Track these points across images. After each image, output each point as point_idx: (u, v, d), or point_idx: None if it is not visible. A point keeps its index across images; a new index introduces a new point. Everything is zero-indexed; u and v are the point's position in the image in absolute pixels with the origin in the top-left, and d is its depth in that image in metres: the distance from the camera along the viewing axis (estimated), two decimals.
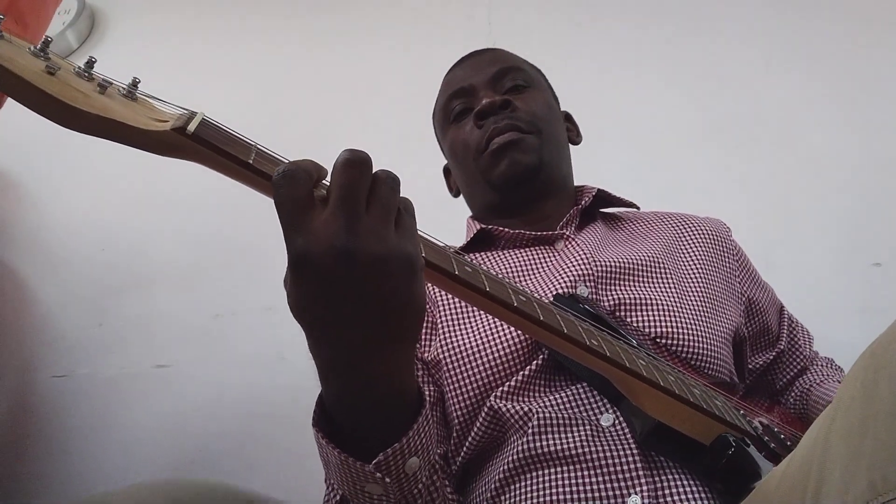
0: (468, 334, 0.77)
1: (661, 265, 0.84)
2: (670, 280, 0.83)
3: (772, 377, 0.97)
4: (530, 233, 0.88)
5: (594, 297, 0.78)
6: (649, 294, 0.79)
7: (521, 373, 0.73)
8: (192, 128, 0.44)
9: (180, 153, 0.46)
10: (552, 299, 0.74)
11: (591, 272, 0.80)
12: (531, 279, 0.83)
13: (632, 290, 0.80)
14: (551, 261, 0.85)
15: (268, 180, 0.45)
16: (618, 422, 0.68)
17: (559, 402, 0.71)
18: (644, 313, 0.77)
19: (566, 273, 0.80)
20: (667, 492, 0.64)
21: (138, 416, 1.30)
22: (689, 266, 0.87)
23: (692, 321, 0.77)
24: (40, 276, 1.44)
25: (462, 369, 0.75)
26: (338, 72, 1.70)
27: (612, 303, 0.78)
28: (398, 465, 0.52)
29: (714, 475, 0.64)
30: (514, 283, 0.60)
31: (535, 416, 0.70)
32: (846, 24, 1.65)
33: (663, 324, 0.76)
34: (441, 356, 0.76)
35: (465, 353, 0.75)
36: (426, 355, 0.79)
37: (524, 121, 0.89)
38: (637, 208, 0.98)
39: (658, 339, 0.75)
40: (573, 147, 1.01)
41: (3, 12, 0.79)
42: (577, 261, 0.81)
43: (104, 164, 1.55)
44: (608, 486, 0.65)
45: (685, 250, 0.89)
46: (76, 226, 1.50)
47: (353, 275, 0.42)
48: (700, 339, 0.76)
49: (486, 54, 1.00)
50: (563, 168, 0.96)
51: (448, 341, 0.77)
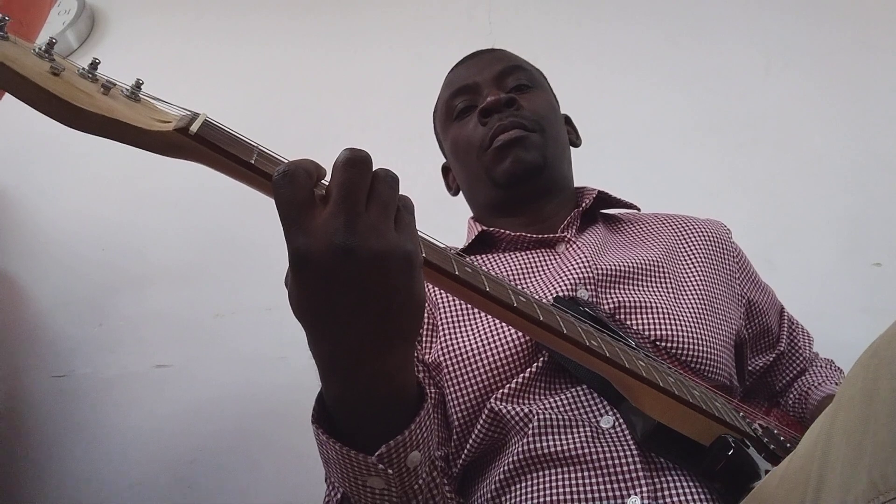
0: (469, 337, 0.77)
1: (662, 268, 0.84)
2: (670, 283, 0.83)
3: (771, 379, 0.97)
4: (531, 235, 0.88)
5: (594, 300, 0.78)
6: (649, 297, 0.79)
7: (521, 375, 0.73)
8: (194, 128, 0.45)
9: (183, 153, 0.46)
10: (552, 302, 0.74)
11: (591, 275, 0.80)
12: (532, 282, 0.83)
13: (632, 294, 0.80)
14: (552, 264, 0.85)
15: (269, 180, 0.45)
16: (617, 423, 0.68)
17: (559, 404, 0.71)
18: (644, 316, 0.77)
19: (567, 276, 0.80)
20: (666, 493, 0.64)
21: (138, 416, 1.30)
22: (689, 269, 0.87)
23: (692, 324, 0.77)
24: (40, 276, 1.44)
25: (462, 372, 0.74)
26: (337, 72, 1.70)
27: (612, 306, 0.78)
28: (400, 458, 0.51)
29: (714, 476, 0.64)
30: (515, 285, 0.60)
31: (536, 417, 0.70)
32: (846, 25, 1.66)
33: (663, 327, 0.76)
34: (442, 358, 0.76)
35: (465, 356, 0.75)
36: (427, 357, 0.79)
37: (528, 119, 0.89)
38: (638, 209, 0.98)
39: (658, 342, 0.75)
40: (573, 149, 1.01)
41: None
42: (577, 264, 0.81)
43: (104, 164, 1.55)
44: (608, 486, 0.65)
45: (686, 253, 0.89)
46: (76, 226, 1.50)
47: (353, 272, 0.43)
48: (700, 342, 0.76)
49: (489, 54, 1.00)
50: (565, 168, 0.96)
51: (449, 344, 0.77)
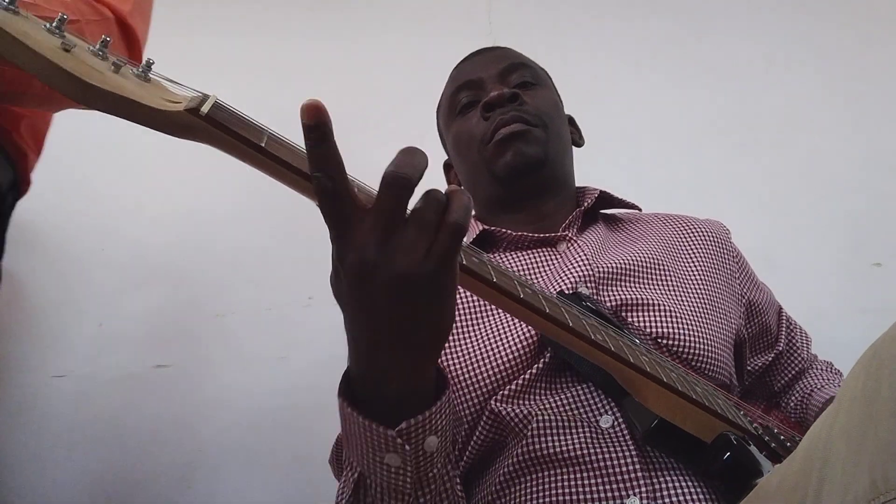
0: (472, 341, 0.77)
1: (663, 267, 0.84)
2: (671, 282, 0.83)
3: (770, 379, 0.97)
4: (533, 235, 0.88)
5: (596, 297, 0.78)
6: (651, 295, 0.79)
7: (522, 376, 0.73)
8: (205, 109, 0.45)
9: (193, 135, 0.46)
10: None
11: (592, 274, 0.80)
12: (533, 281, 0.83)
13: (633, 291, 0.80)
14: (553, 263, 0.85)
15: (279, 164, 0.47)
16: (617, 423, 0.68)
17: (559, 404, 0.71)
18: (645, 314, 0.77)
19: (568, 275, 0.80)
20: (665, 493, 0.64)
21: (138, 416, 1.30)
22: (690, 268, 0.87)
23: (693, 323, 0.78)
24: (40, 276, 1.44)
25: (466, 376, 0.75)
26: (336, 70, 1.69)
27: (613, 303, 0.78)
28: (419, 439, 0.52)
29: (715, 473, 0.64)
30: (521, 277, 0.61)
31: (535, 419, 0.70)
32: (847, 24, 1.66)
33: (664, 325, 0.76)
34: (446, 363, 0.76)
35: (468, 361, 0.75)
36: None
37: (531, 114, 0.89)
38: (639, 209, 0.98)
39: (659, 340, 0.75)
40: (575, 149, 1.01)
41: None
42: (578, 262, 0.81)
43: (104, 163, 1.55)
44: (607, 487, 0.65)
45: (686, 252, 0.89)
46: (76, 225, 1.50)
47: (377, 286, 0.46)
48: (701, 340, 0.76)
49: (495, 51, 1.00)
50: (567, 167, 0.96)
51: (452, 348, 0.77)
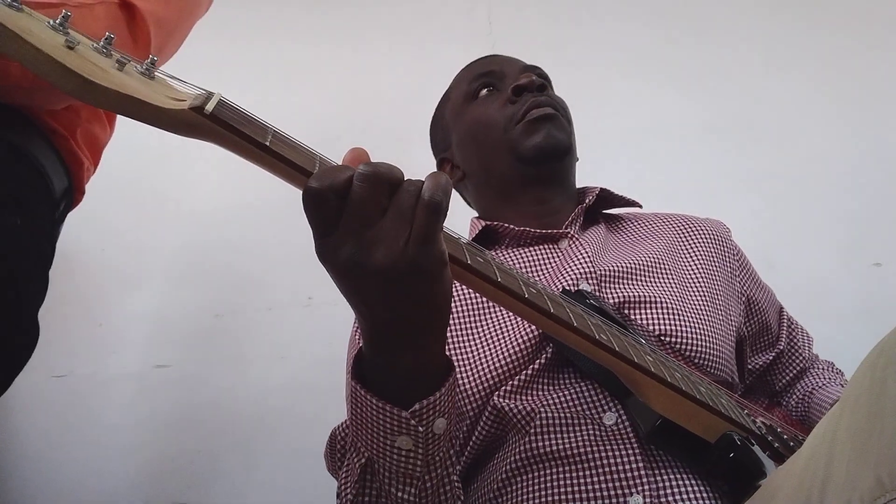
0: (475, 336, 0.77)
1: (664, 265, 0.85)
2: (673, 279, 0.83)
3: (771, 378, 0.97)
4: (535, 231, 0.87)
5: (599, 295, 0.78)
6: (653, 293, 0.80)
7: (524, 372, 0.73)
8: (209, 107, 0.45)
9: (197, 133, 0.46)
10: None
11: (594, 271, 0.80)
12: (535, 278, 0.83)
13: (636, 289, 0.80)
14: (555, 260, 0.85)
15: (283, 162, 0.47)
16: (620, 420, 0.68)
17: (562, 400, 0.71)
18: (649, 311, 0.77)
19: (570, 272, 0.80)
20: (668, 492, 0.64)
21: (138, 416, 1.30)
22: (690, 266, 0.87)
23: (696, 320, 0.78)
24: None
25: (469, 372, 0.75)
26: (335, 71, 1.69)
27: (617, 301, 0.78)
28: (430, 419, 0.54)
29: (718, 473, 0.64)
30: (525, 276, 0.61)
31: (539, 415, 0.70)
32: (846, 25, 1.66)
33: (667, 322, 0.76)
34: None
35: (471, 357, 0.75)
36: None
37: (560, 105, 0.93)
38: (639, 206, 0.98)
39: (662, 338, 0.75)
40: None
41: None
42: (581, 260, 0.81)
43: (103, 164, 1.55)
44: (609, 485, 0.65)
45: (687, 250, 0.89)
46: (76, 225, 1.50)
47: (360, 284, 0.47)
48: (704, 338, 0.76)
49: (506, 56, 1.03)
50: (575, 166, 0.97)
51: (455, 344, 0.77)
